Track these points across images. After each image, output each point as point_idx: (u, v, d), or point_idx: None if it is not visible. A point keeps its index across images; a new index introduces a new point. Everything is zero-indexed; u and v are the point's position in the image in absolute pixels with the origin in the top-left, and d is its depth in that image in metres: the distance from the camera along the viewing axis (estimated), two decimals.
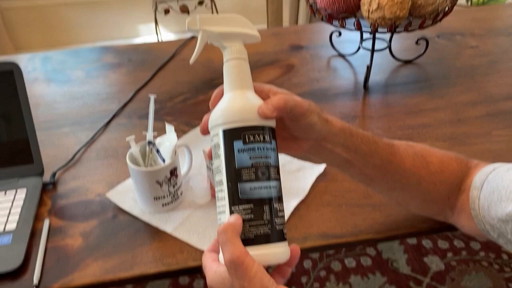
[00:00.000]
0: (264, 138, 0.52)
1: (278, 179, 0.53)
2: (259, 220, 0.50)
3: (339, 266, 1.59)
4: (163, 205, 0.78)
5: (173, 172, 0.76)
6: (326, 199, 0.81)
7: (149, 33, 3.08)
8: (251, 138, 0.51)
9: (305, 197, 0.81)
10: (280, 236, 0.51)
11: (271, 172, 0.52)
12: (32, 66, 1.31)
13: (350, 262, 1.60)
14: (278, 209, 0.52)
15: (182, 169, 0.83)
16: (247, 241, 0.49)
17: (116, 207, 0.81)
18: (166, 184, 0.76)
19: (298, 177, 0.85)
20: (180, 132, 0.97)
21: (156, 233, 0.76)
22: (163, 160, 0.77)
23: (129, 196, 0.82)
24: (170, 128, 0.78)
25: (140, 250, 0.73)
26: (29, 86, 1.22)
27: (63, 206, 0.82)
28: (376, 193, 0.70)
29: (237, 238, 0.48)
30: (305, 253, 0.73)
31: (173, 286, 1.38)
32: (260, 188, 0.51)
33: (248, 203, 0.50)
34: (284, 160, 0.89)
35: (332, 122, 0.59)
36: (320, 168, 0.86)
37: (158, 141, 0.79)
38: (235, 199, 0.51)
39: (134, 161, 0.77)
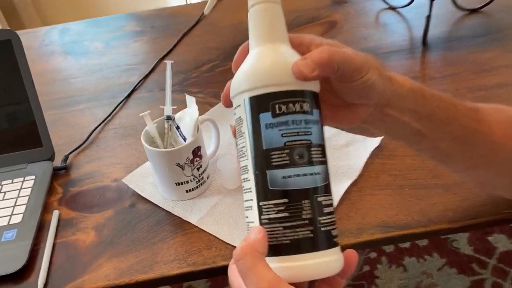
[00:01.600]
0: (302, 107, 0.39)
1: (323, 162, 0.40)
2: (297, 220, 0.38)
3: (391, 247, 1.45)
4: (186, 191, 0.65)
5: (197, 152, 0.63)
6: (384, 180, 0.66)
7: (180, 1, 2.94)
8: (283, 108, 0.38)
9: (357, 178, 0.66)
10: (327, 241, 0.39)
11: (313, 153, 0.39)
12: (49, 39, 1.21)
13: (404, 242, 1.45)
14: (323, 203, 0.39)
15: (208, 149, 0.70)
16: (280, 249, 0.38)
17: (134, 194, 0.69)
18: (189, 167, 0.63)
19: (347, 153, 0.71)
20: (207, 106, 0.84)
21: (179, 225, 0.64)
22: (184, 139, 0.64)
23: (148, 181, 0.70)
24: (191, 100, 0.65)
25: (161, 246, 0.61)
26: (45, 60, 1.12)
27: (75, 194, 0.71)
28: (451, 172, 0.55)
29: (261, 262, 0.37)
30: (360, 248, 0.59)
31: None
32: (297, 176, 0.38)
33: (282, 197, 0.38)
34: (329, 133, 0.74)
35: (398, 81, 0.45)
36: (375, 141, 0.71)
37: (178, 116, 0.66)
38: (264, 192, 0.38)
39: (151, 141, 0.65)
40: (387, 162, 0.69)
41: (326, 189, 0.40)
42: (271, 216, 0.38)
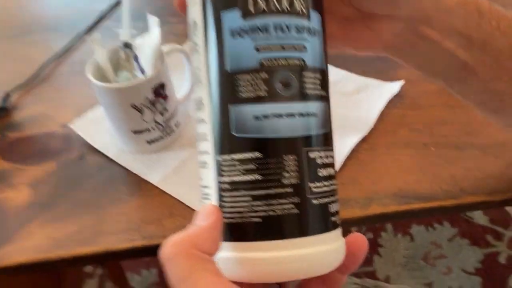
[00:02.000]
0: (292, 4, 0.25)
1: (322, 97, 0.27)
2: (275, 186, 0.25)
3: None
4: (148, 142, 0.51)
5: (159, 91, 0.48)
6: (404, 136, 0.51)
7: None
8: (261, 3, 0.24)
9: (368, 132, 0.51)
10: (322, 220, 0.26)
11: (307, 80, 0.25)
12: None
13: (426, 217, 1.31)
14: (319, 162, 0.26)
15: (179, 90, 0.54)
16: (247, 232, 0.25)
17: (84, 144, 0.55)
18: (150, 111, 0.48)
19: (357, 101, 0.55)
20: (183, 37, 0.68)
21: (136, 185, 0.49)
22: (143, 72, 0.49)
23: (103, 128, 0.55)
24: (153, 22, 0.49)
25: (110, 212, 0.47)
26: None
27: (13, 142, 0.57)
28: (502, 126, 0.40)
29: (205, 270, 0.23)
30: (368, 223, 0.45)
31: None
32: (279, 117, 0.25)
33: (252, 150, 0.25)
34: (334, 76, 0.59)
35: None
36: (394, 86, 0.56)
37: (139, 43, 0.51)
38: (224, 141, 0.24)
39: (100, 75, 0.49)
40: (407, 114, 0.54)
41: (325, 141, 0.26)
42: (235, 178, 0.25)
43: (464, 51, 0.33)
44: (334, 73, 0.59)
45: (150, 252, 0.45)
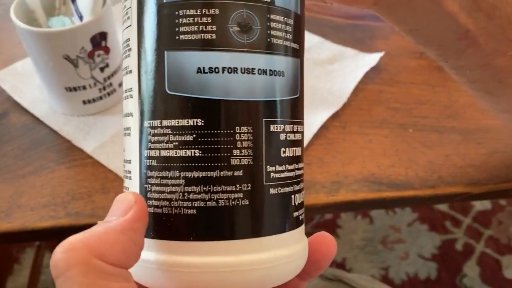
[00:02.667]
0: None
1: (294, 51, 0.20)
2: (219, 167, 0.19)
3: None
4: (84, 102, 0.43)
5: (99, 41, 0.40)
6: (379, 114, 0.45)
7: None
8: None
9: (340, 108, 0.45)
10: (281, 216, 0.20)
11: (273, 26, 0.19)
12: None
13: (399, 207, 1.28)
14: (283, 138, 0.20)
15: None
16: (177, 227, 0.19)
17: (9, 100, 0.46)
18: (86, 64, 0.40)
19: (330, 72, 0.49)
20: None
21: (66, 152, 0.42)
22: (81, 18, 0.40)
23: (33, 83, 0.47)
24: None
25: (32, 182, 0.39)
26: None
27: None
28: (494, 111, 0.35)
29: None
30: (334, 210, 0.40)
31: None
32: (232, 72, 0.19)
33: (191, 115, 0.19)
34: (307, 40, 0.52)
35: None
36: (372, 58, 0.50)
37: None
38: (155, 100, 0.19)
39: (29, 18, 0.41)
40: (385, 90, 0.48)
41: (292, 110, 0.19)
42: (165, 153, 0.19)
43: (468, 16, 0.27)
44: (307, 39, 0.52)
45: (75, 233, 0.37)
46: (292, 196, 0.20)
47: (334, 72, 0.49)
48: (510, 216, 1.25)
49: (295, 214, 0.20)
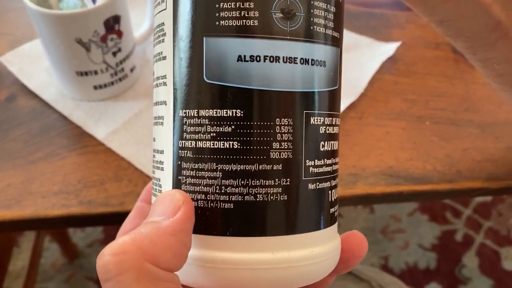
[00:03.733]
0: None
1: (334, 40, 0.20)
2: (258, 160, 0.18)
3: None
4: (95, 87, 0.42)
5: (113, 25, 0.39)
6: (396, 105, 0.45)
7: None
8: None
9: (357, 99, 0.44)
10: (319, 212, 0.20)
11: (316, 14, 0.19)
12: None
13: (416, 201, 1.28)
14: (322, 131, 0.20)
15: (137, 27, 0.45)
16: (214, 221, 0.18)
17: (16, 83, 0.45)
18: (99, 48, 0.39)
19: (346, 61, 0.47)
20: None
21: (77, 139, 0.41)
22: (94, 0, 0.39)
23: (41, 65, 0.46)
24: None
25: (42, 169, 0.38)
26: None
27: None
28: None
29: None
30: (352, 204, 0.39)
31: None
32: (273, 61, 0.18)
33: (230, 105, 0.18)
34: None
35: None
36: (388, 48, 0.49)
37: None
38: (192, 89, 0.18)
39: None
40: (401, 81, 0.47)
41: (332, 102, 0.19)
42: (201, 144, 0.18)
43: (502, 7, 0.26)
44: None
45: (88, 222, 0.37)
46: (329, 191, 0.20)
47: (349, 61, 0.48)
48: (510, 208, 1.26)
49: (331, 210, 0.20)
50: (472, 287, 1.07)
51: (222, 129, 0.17)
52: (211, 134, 0.18)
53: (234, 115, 0.17)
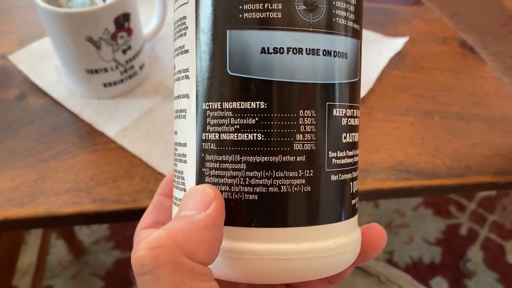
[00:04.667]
0: None
1: (354, 32, 0.20)
2: (282, 151, 0.18)
3: None
4: (105, 85, 0.42)
5: (123, 22, 0.39)
6: (404, 101, 0.45)
7: None
8: None
9: (366, 94, 0.44)
10: (341, 203, 0.20)
11: (338, 6, 0.19)
12: None
13: (425, 196, 1.28)
14: (344, 123, 0.20)
15: (146, 24, 0.45)
16: (238, 213, 0.18)
17: (26, 81, 0.45)
18: (109, 46, 0.39)
19: None
20: None
21: (88, 137, 0.41)
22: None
23: (51, 63, 0.46)
24: None
25: (54, 167, 0.39)
26: None
27: None
28: None
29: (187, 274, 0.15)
30: (362, 199, 0.40)
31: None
32: (297, 53, 0.18)
33: (254, 97, 0.18)
34: None
35: None
36: (396, 43, 0.49)
37: None
38: (215, 81, 0.18)
39: None
40: (409, 76, 0.47)
41: (353, 93, 0.19)
42: (225, 136, 0.18)
43: None
44: None
45: (101, 219, 0.37)
46: (351, 183, 0.20)
47: None
48: None
49: (353, 202, 0.20)
50: (477, 280, 1.07)
51: (246, 121, 0.18)
52: (235, 126, 0.18)
53: (257, 107, 0.18)
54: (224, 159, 0.18)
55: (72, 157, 0.39)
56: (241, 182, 0.18)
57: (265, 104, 0.17)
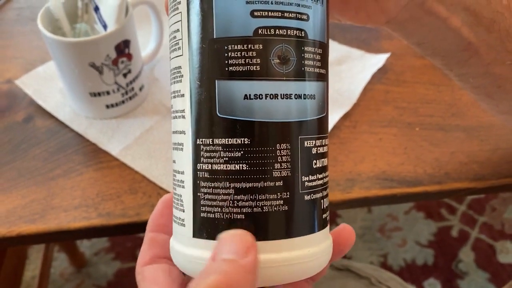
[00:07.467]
0: None
1: (321, 76, 0.23)
2: (263, 178, 0.21)
3: None
4: (107, 106, 0.45)
5: (123, 48, 0.42)
6: (387, 113, 0.48)
7: None
8: None
9: (350, 109, 0.48)
10: (312, 218, 0.23)
11: (307, 56, 0.22)
12: None
13: (408, 202, 1.31)
14: (314, 152, 0.23)
15: (144, 48, 0.48)
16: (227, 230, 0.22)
17: (32, 104, 0.48)
18: (111, 71, 0.42)
19: (339, 74, 0.51)
20: None
21: (92, 155, 0.44)
22: (105, 27, 0.42)
23: (55, 86, 0.49)
24: None
25: (62, 185, 0.41)
26: None
27: None
28: (494, 112, 0.38)
29: None
30: (348, 207, 0.42)
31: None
32: (273, 98, 0.21)
33: (240, 135, 0.21)
34: None
35: None
36: (379, 59, 0.52)
37: None
38: (207, 122, 0.22)
39: (54, 26, 0.42)
40: (392, 90, 0.50)
41: (321, 127, 0.22)
42: (216, 167, 0.21)
43: (470, 30, 0.29)
44: None
45: (108, 232, 0.40)
46: (321, 200, 0.23)
47: (342, 73, 0.51)
48: (503, 203, 1.30)
49: (324, 216, 0.23)
50: (469, 280, 1.10)
51: (233, 154, 0.21)
52: (224, 158, 0.21)
53: (242, 142, 0.21)
54: (215, 185, 0.21)
55: (78, 175, 0.42)
56: (230, 204, 0.21)
57: (249, 140, 0.21)
